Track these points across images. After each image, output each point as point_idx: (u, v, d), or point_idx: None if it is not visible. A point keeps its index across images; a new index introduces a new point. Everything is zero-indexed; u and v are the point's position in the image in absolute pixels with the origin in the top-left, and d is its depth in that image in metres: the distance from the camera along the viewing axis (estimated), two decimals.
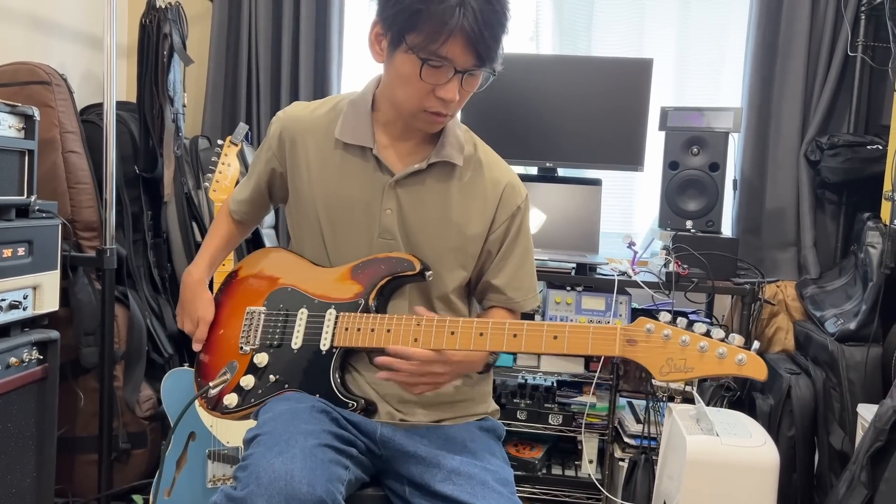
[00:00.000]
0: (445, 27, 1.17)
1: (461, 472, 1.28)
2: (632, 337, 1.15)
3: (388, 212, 1.36)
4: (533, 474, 2.44)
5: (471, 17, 1.17)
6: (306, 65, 2.82)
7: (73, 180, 2.22)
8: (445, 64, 1.21)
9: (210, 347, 1.49)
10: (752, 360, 1.09)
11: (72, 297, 2.18)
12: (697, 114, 2.47)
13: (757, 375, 1.09)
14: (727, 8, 2.77)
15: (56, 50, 2.51)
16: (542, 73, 2.60)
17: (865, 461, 1.68)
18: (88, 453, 2.26)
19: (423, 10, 1.18)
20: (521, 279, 1.45)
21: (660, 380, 1.12)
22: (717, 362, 1.09)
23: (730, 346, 1.10)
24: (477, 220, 1.40)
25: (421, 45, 1.20)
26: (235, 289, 1.52)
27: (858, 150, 2.48)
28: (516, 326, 1.22)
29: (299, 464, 1.14)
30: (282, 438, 1.19)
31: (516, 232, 1.43)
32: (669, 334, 1.12)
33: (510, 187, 1.42)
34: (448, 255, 1.39)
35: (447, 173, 1.39)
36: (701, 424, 1.87)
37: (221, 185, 2.21)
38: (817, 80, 2.61)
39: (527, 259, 1.46)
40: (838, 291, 2.43)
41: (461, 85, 1.25)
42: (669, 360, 1.12)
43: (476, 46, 1.20)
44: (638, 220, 2.87)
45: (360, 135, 1.37)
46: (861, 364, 2.12)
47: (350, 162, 1.38)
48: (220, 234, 1.61)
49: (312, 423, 1.25)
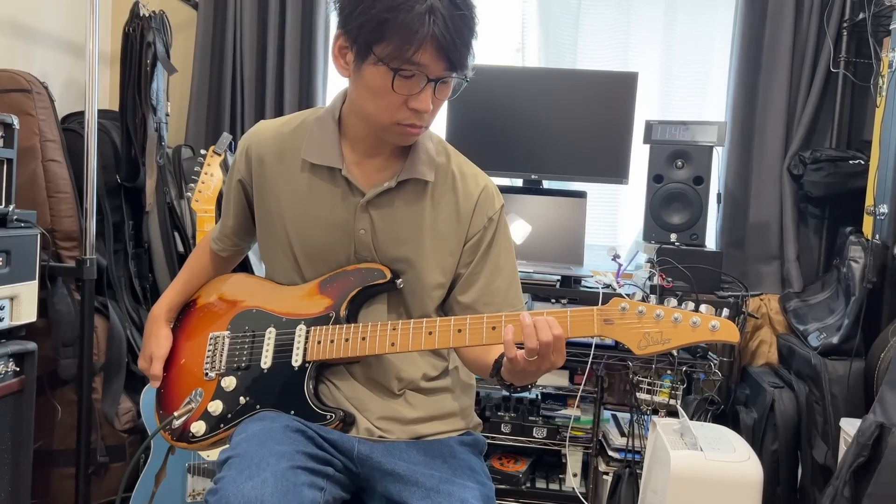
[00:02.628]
0: (416, 35, 1.14)
1: (440, 490, 1.25)
2: (608, 317, 1.17)
3: (363, 232, 1.34)
4: (517, 488, 2.42)
5: (441, 24, 1.14)
6: (291, 74, 2.81)
7: (53, 189, 2.19)
8: (417, 73, 1.18)
9: (172, 379, 1.45)
10: (724, 326, 1.11)
11: (50, 308, 2.15)
12: (682, 127, 2.48)
13: (730, 338, 1.12)
14: (712, 23, 2.78)
15: (38, 58, 2.48)
16: (528, 85, 2.61)
17: (848, 476, 1.68)
18: (65, 467, 2.22)
19: (391, 19, 1.14)
20: (493, 294, 1.37)
21: (639, 353, 1.15)
22: (691, 331, 1.12)
23: (702, 314, 1.12)
24: (451, 236, 1.36)
25: (391, 55, 1.16)
26: (194, 317, 1.50)
27: (841, 165, 2.50)
28: (494, 319, 1.21)
29: (270, 488, 1.12)
30: (253, 461, 1.17)
31: (488, 245, 1.38)
32: (644, 310, 1.15)
33: (484, 197, 1.38)
34: (426, 273, 1.36)
35: (419, 190, 1.35)
36: (685, 439, 1.87)
37: (204, 195, 2.19)
38: (800, 95, 2.63)
39: (499, 274, 1.38)
40: (821, 305, 2.44)
41: (434, 94, 1.22)
42: (646, 335, 1.14)
43: (448, 53, 1.17)
44: (623, 232, 2.87)
45: (327, 155, 1.33)
46: (844, 378, 2.13)
47: (318, 183, 1.34)
48: (191, 268, 1.56)
49: (286, 444, 1.22)
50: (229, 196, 1.48)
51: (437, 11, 1.14)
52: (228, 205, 1.49)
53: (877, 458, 1.62)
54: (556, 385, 2.46)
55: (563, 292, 2.37)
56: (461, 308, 1.38)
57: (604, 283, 2.39)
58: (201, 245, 1.58)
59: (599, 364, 2.37)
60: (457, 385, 1.44)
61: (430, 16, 1.14)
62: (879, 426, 1.64)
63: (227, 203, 1.49)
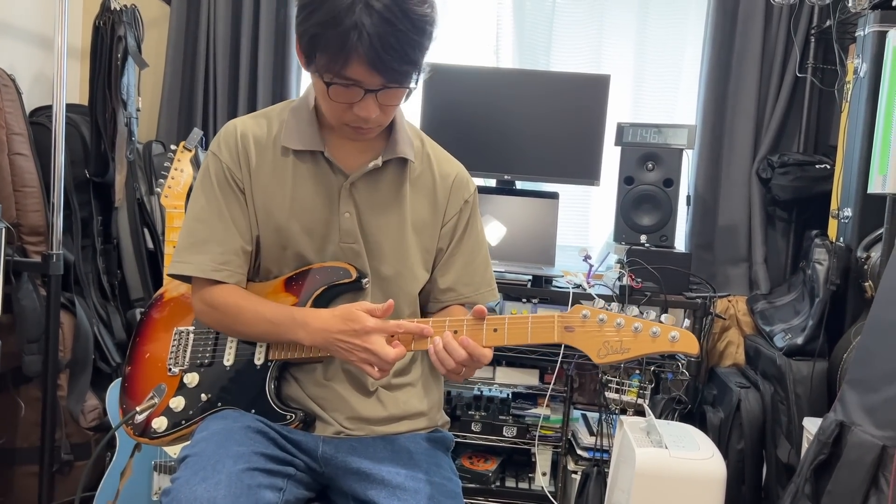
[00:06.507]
0: (342, 52, 1.12)
1: (406, 487, 1.26)
2: (569, 324, 1.17)
3: (347, 215, 1.32)
4: (487, 487, 2.43)
5: (366, 42, 1.10)
6: (265, 70, 2.79)
7: (20, 183, 2.16)
8: (353, 85, 1.17)
9: (136, 374, 1.43)
10: (684, 336, 1.12)
11: (15, 304, 2.11)
12: (653, 130, 2.50)
13: (689, 350, 1.12)
14: (684, 27, 2.82)
15: (6, 50, 2.44)
16: (502, 86, 2.62)
17: (809, 474, 1.71)
18: (29, 465, 2.19)
19: (321, 34, 1.14)
20: (472, 274, 1.42)
21: (598, 362, 1.15)
22: (651, 341, 1.12)
23: (662, 325, 1.13)
24: (430, 217, 1.38)
25: (325, 67, 1.16)
26: (162, 310, 1.48)
27: (807, 169, 2.54)
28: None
29: (223, 490, 1.12)
30: (209, 462, 1.17)
31: (465, 227, 1.41)
32: (605, 318, 1.15)
33: (458, 180, 1.41)
34: (411, 255, 1.37)
35: (400, 170, 1.36)
36: (651, 437, 1.89)
37: (174, 190, 2.17)
38: (769, 100, 2.67)
39: (477, 254, 1.43)
40: (787, 307, 2.48)
41: (378, 100, 1.20)
42: (606, 343, 1.15)
43: (378, 69, 1.14)
44: (594, 233, 2.89)
45: (307, 139, 1.32)
46: (807, 378, 2.16)
47: (302, 168, 1.33)
48: (250, 298, 1.32)
49: (245, 445, 1.22)
50: (219, 212, 1.31)
51: (364, 29, 1.10)
52: (224, 223, 1.31)
53: (836, 456, 1.64)
54: (526, 384, 2.47)
55: (535, 292, 2.38)
56: (440, 291, 1.41)
57: (574, 284, 2.41)
58: (226, 302, 1.31)
59: (570, 364, 2.39)
60: (422, 380, 1.44)
61: (355, 33, 1.10)
62: (839, 424, 1.66)
63: (220, 213, 1.31)
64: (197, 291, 1.34)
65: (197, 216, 1.32)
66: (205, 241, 1.31)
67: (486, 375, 2.46)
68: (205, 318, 1.35)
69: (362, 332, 1.19)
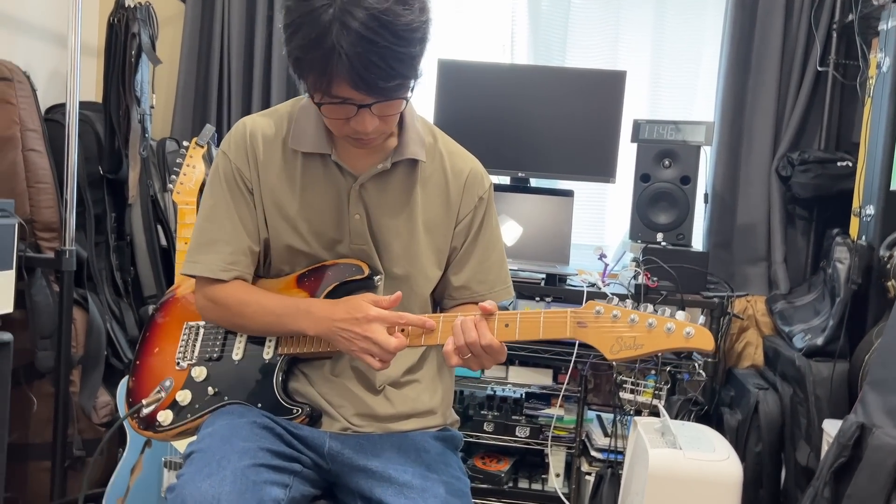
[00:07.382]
0: (324, 75, 1.10)
1: (413, 485, 1.24)
2: (581, 319, 1.15)
3: (357, 217, 1.31)
4: (499, 487, 2.40)
5: (346, 64, 1.07)
6: (279, 68, 2.79)
7: (34, 179, 2.17)
8: (344, 102, 1.15)
9: (145, 368, 1.42)
10: (699, 333, 1.09)
11: (28, 299, 2.12)
12: (670, 126, 2.46)
13: (704, 346, 1.09)
14: (702, 23, 2.78)
15: (22, 48, 2.46)
16: (517, 83, 2.59)
17: (829, 477, 1.66)
18: (41, 460, 2.19)
19: (303, 57, 1.12)
20: (486, 272, 1.39)
21: (611, 359, 1.13)
22: (665, 337, 1.10)
23: (677, 321, 1.10)
24: (443, 216, 1.36)
25: (313, 87, 1.15)
26: (173, 306, 1.48)
27: (829, 167, 2.49)
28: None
29: (228, 486, 1.11)
30: (214, 458, 1.16)
31: (479, 224, 1.38)
32: (618, 314, 1.13)
33: (472, 177, 1.37)
34: (422, 256, 1.35)
35: (411, 170, 1.34)
36: (665, 438, 1.86)
37: (186, 186, 2.16)
38: (789, 96, 2.62)
39: (492, 252, 1.40)
40: (807, 307, 2.43)
41: (374, 112, 1.16)
42: (619, 339, 1.13)
43: (361, 89, 1.11)
44: (609, 231, 2.86)
45: (315, 142, 1.30)
46: (827, 380, 2.12)
47: (310, 171, 1.32)
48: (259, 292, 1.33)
49: (251, 440, 1.21)
50: (227, 212, 1.32)
51: (341, 50, 1.07)
52: (233, 223, 1.31)
53: (857, 459, 1.61)
54: (539, 384, 2.44)
55: (548, 290, 2.36)
56: (454, 289, 1.39)
57: (589, 282, 2.38)
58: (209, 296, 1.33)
59: (584, 364, 2.35)
60: (431, 378, 1.42)
61: (334, 54, 1.08)
62: (860, 427, 1.62)
63: (228, 213, 1.31)
64: (200, 288, 1.34)
65: (207, 216, 1.34)
66: (214, 241, 1.31)
67: (499, 375, 2.43)
68: (207, 313, 1.36)
69: (364, 321, 1.19)
